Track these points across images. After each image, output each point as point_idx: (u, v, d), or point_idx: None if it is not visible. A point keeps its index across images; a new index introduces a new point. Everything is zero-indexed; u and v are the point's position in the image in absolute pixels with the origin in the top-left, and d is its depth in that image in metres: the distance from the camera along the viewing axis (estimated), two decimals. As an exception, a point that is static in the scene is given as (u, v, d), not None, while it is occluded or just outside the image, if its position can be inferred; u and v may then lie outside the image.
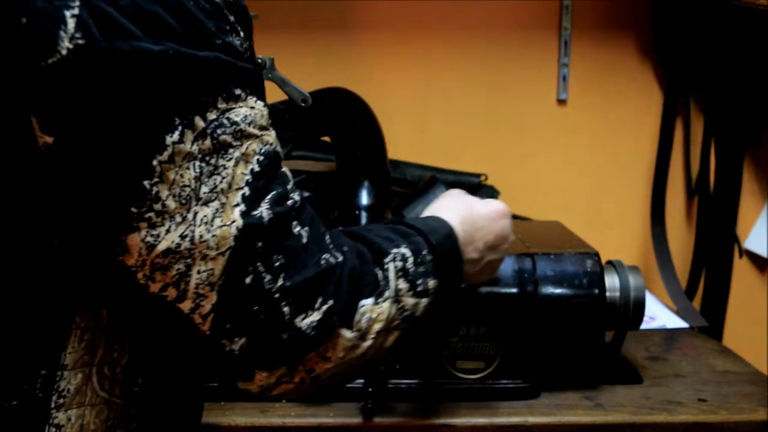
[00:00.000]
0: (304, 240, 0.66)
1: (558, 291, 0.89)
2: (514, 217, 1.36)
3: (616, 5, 1.39)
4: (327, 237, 0.69)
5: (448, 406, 0.87)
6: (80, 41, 0.54)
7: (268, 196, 0.63)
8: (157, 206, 0.59)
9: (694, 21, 1.34)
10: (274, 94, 0.99)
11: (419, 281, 0.73)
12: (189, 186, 0.59)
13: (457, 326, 0.88)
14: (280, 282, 0.63)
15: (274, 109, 1.01)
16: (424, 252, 0.74)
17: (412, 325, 0.73)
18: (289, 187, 0.66)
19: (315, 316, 0.65)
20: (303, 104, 0.98)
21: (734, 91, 1.35)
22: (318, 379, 0.69)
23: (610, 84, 1.42)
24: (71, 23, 0.54)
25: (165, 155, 0.58)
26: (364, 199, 1.10)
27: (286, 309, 0.64)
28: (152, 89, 0.57)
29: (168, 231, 0.59)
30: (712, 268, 1.40)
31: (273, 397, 0.70)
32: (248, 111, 0.63)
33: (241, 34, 0.64)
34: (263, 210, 0.62)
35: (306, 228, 0.66)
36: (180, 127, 0.58)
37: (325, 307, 0.66)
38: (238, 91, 0.62)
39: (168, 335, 0.66)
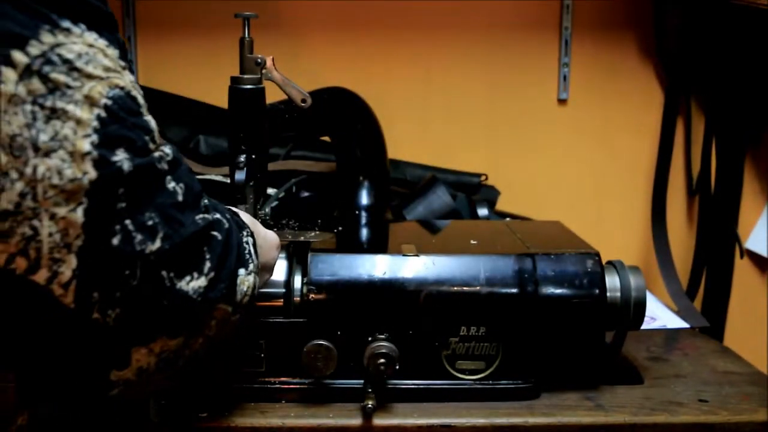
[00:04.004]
0: (180, 197, 0.60)
1: (558, 291, 0.88)
2: (514, 216, 1.36)
3: (616, 5, 1.39)
4: (204, 197, 0.65)
5: (448, 407, 0.87)
6: None
7: (125, 145, 0.57)
8: None
9: (695, 20, 1.34)
10: (275, 94, 0.99)
11: (256, 261, 0.71)
12: (20, 135, 0.52)
13: (457, 326, 0.87)
14: (157, 244, 0.58)
15: (274, 109, 1.02)
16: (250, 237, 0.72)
17: (247, 311, 0.70)
18: (149, 138, 0.59)
19: (202, 281, 0.61)
20: (303, 104, 0.98)
21: (735, 91, 1.35)
22: (195, 356, 0.65)
23: (610, 84, 1.41)
24: None
25: None
26: (364, 199, 1.09)
27: (164, 273, 0.59)
28: None
29: (2, 190, 0.52)
30: (713, 269, 1.39)
31: (152, 391, 0.64)
32: (85, 48, 0.56)
33: None
34: (122, 160, 0.56)
35: (182, 185, 0.61)
36: None
37: (212, 274, 0.62)
38: (66, 24, 0.55)
39: (28, 316, 0.57)
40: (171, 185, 0.60)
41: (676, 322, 1.20)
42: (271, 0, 1.33)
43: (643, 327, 0.94)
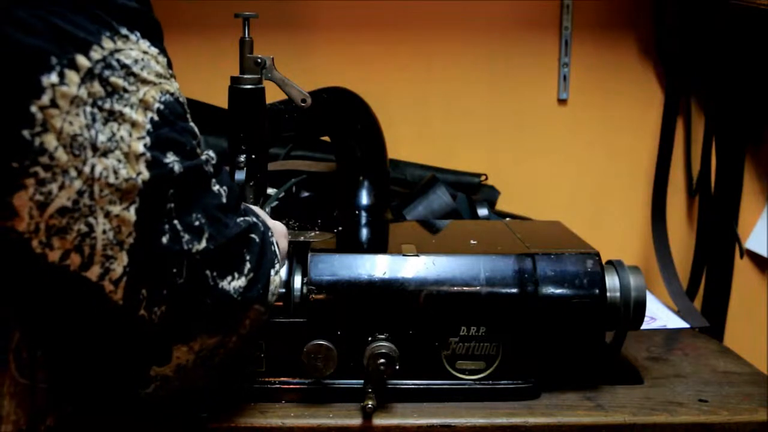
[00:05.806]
0: (224, 199, 0.63)
1: (558, 291, 0.88)
2: (514, 216, 1.36)
3: (616, 5, 1.39)
4: (241, 201, 0.67)
5: (448, 407, 0.87)
6: None
7: (176, 148, 0.59)
8: (44, 159, 0.52)
9: (695, 20, 1.34)
10: (274, 94, 0.99)
11: (280, 260, 0.74)
12: (81, 135, 0.54)
13: (457, 326, 0.87)
14: (203, 244, 0.60)
15: (274, 109, 1.02)
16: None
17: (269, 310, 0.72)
18: (195, 142, 0.62)
19: (242, 281, 0.64)
20: (303, 104, 0.98)
21: (735, 90, 1.35)
22: (228, 355, 0.67)
23: (610, 83, 1.41)
24: None
25: (45, 99, 0.52)
26: (364, 199, 1.09)
27: (208, 272, 0.61)
28: (14, 25, 0.51)
29: (62, 187, 0.53)
30: (713, 268, 1.39)
31: (189, 392, 0.66)
32: (140, 55, 0.58)
33: None
34: (173, 162, 0.58)
35: (225, 188, 0.64)
36: (59, 67, 0.53)
37: (251, 275, 0.65)
38: (124, 31, 0.58)
39: (76, 313, 0.59)
40: (216, 188, 0.62)
41: (676, 322, 1.20)
42: (272, 0, 1.33)
43: (643, 327, 0.94)
